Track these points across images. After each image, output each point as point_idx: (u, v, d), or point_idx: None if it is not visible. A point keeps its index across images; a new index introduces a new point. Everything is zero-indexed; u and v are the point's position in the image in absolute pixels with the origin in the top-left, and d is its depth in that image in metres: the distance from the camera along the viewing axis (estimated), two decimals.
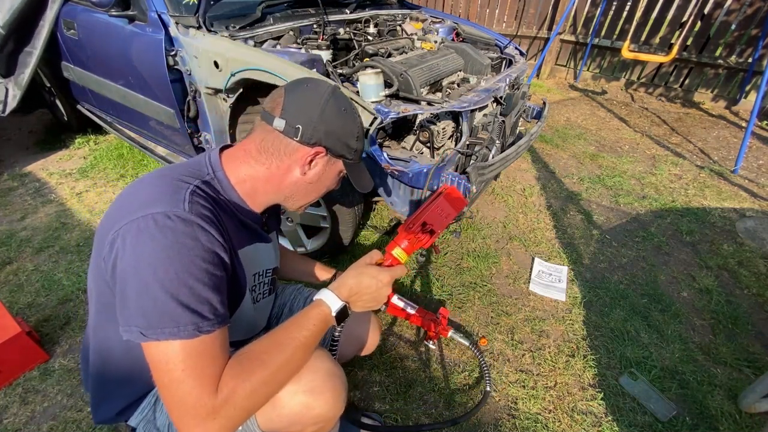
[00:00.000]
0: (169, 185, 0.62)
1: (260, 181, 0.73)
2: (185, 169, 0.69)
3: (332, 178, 0.81)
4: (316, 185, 0.78)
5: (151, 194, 0.60)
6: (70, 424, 1.18)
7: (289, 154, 0.72)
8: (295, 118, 0.70)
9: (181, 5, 1.58)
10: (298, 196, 0.79)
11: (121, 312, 0.57)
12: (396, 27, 1.98)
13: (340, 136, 0.74)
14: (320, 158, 0.74)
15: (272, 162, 0.72)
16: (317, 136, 0.71)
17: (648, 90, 4.15)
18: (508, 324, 1.55)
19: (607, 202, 2.35)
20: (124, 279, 0.56)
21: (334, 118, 0.72)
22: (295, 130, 0.70)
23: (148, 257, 0.55)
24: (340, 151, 0.75)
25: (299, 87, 0.73)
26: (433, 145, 1.45)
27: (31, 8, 1.98)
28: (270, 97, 0.74)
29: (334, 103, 0.73)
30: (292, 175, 0.74)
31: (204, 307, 0.57)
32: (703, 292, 1.73)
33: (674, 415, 1.24)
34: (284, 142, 0.71)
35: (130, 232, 0.56)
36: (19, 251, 1.82)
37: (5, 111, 2.29)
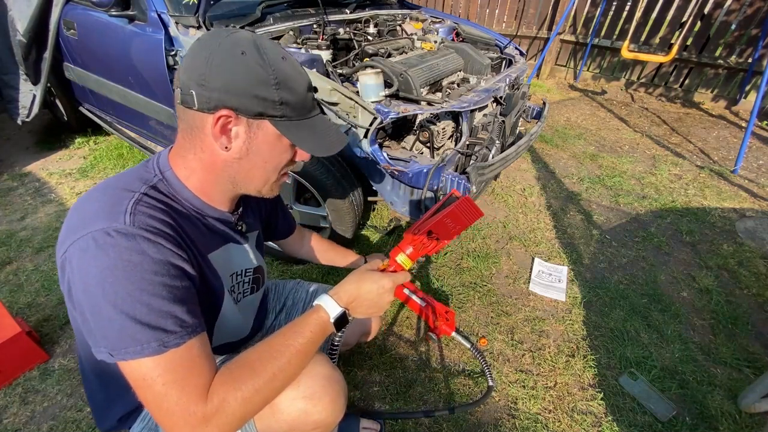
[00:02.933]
0: (111, 197, 0.57)
1: (198, 171, 0.64)
2: (132, 174, 0.63)
3: (270, 146, 0.64)
4: (251, 159, 0.64)
5: (92, 210, 0.56)
6: (70, 424, 1.18)
7: (201, 129, 0.60)
8: (186, 82, 0.58)
9: (181, 5, 1.58)
10: (241, 177, 0.66)
11: (88, 334, 0.55)
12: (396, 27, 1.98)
13: (246, 87, 0.57)
14: (236, 126, 0.60)
15: (195, 144, 0.62)
16: (215, 97, 0.57)
17: (648, 90, 4.15)
18: (508, 324, 1.55)
19: (607, 202, 2.35)
20: (80, 302, 0.54)
21: (228, 66, 0.57)
22: (190, 96, 0.58)
23: (94, 279, 0.52)
24: (255, 108, 0.59)
25: (193, 44, 0.60)
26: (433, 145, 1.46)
27: (43, 11, 1.99)
28: None
29: (227, 47, 0.57)
30: (219, 154, 0.62)
31: (166, 321, 0.54)
32: (703, 292, 1.73)
33: (674, 415, 1.24)
34: (190, 114, 0.60)
35: (74, 254, 0.53)
36: (19, 251, 1.82)
37: (30, 116, 2.37)
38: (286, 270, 1.75)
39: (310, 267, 1.75)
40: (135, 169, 0.65)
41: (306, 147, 0.65)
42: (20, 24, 2.03)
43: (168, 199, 0.62)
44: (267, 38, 0.64)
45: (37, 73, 2.22)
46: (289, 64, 0.62)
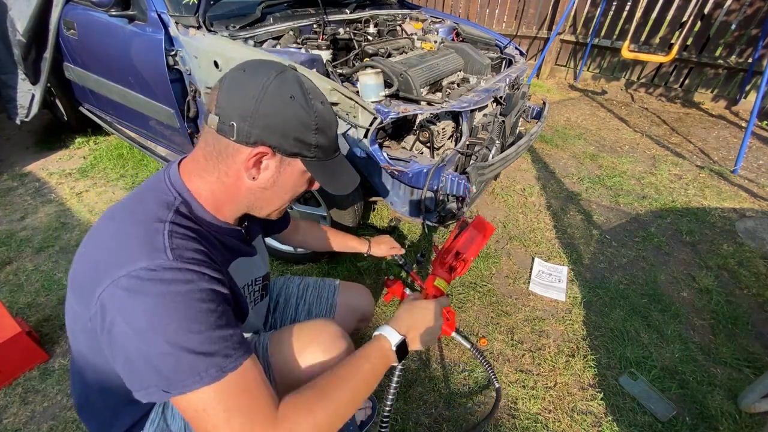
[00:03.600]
0: (143, 231, 0.56)
1: (217, 193, 0.65)
2: (151, 198, 0.62)
3: (294, 181, 0.68)
4: (275, 191, 0.67)
5: (128, 245, 0.55)
6: (70, 424, 1.18)
7: (232, 156, 0.61)
8: (228, 114, 0.59)
9: (181, 5, 1.58)
10: (260, 204, 0.69)
11: (130, 376, 0.54)
12: (396, 27, 1.98)
13: (288, 130, 0.61)
14: (268, 159, 0.62)
15: (219, 168, 0.63)
16: (256, 133, 0.59)
17: (648, 90, 4.15)
18: (508, 324, 1.55)
19: (607, 202, 2.35)
20: (125, 345, 0.52)
21: (276, 107, 0.59)
22: (229, 127, 0.59)
23: (144, 317, 0.51)
24: (291, 148, 0.62)
25: (236, 74, 0.61)
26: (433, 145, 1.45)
27: (43, 11, 1.99)
28: (212, 89, 0.64)
29: (277, 88, 0.59)
30: (244, 181, 0.64)
31: (220, 346, 0.53)
32: (703, 292, 1.73)
33: (674, 415, 1.24)
34: (223, 142, 0.61)
35: (117, 295, 0.52)
36: (19, 251, 1.82)
37: (29, 116, 2.37)
38: (286, 270, 1.75)
39: (309, 267, 1.75)
40: (150, 189, 0.64)
41: (328, 186, 0.70)
42: (20, 24, 2.03)
43: (191, 222, 0.63)
44: (308, 79, 0.66)
45: (36, 73, 2.22)
46: (327, 108, 0.66)
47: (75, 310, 0.61)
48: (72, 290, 0.62)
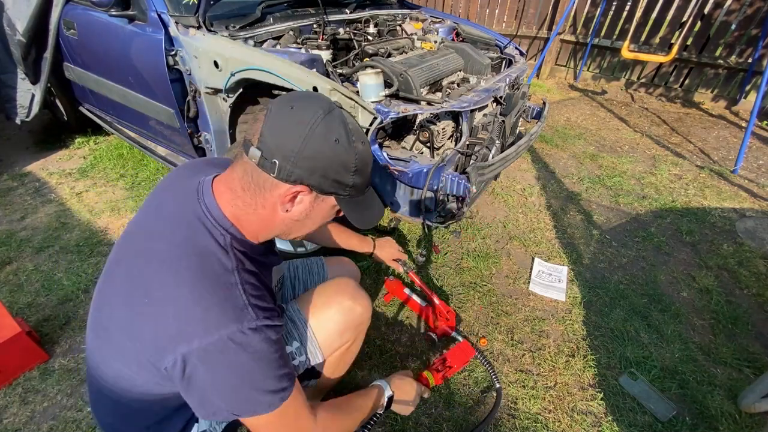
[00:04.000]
0: (222, 291, 0.61)
1: (255, 223, 0.69)
2: (207, 244, 0.64)
3: (325, 213, 0.72)
4: (305, 222, 0.71)
5: (212, 309, 0.59)
6: (70, 424, 1.18)
7: (270, 190, 0.64)
8: (272, 151, 0.60)
9: (181, 5, 1.57)
10: (290, 231, 0.74)
11: (202, 408, 0.64)
12: (396, 27, 1.98)
13: (329, 172, 0.63)
14: (304, 195, 0.65)
15: (257, 201, 0.65)
16: (297, 173, 0.61)
17: (648, 90, 4.15)
18: (508, 324, 1.55)
19: (607, 202, 2.35)
20: (205, 390, 0.61)
21: (320, 150, 0.61)
22: (271, 164, 0.60)
23: (233, 373, 0.60)
24: (329, 188, 0.66)
25: (283, 108, 0.62)
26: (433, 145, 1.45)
27: (43, 11, 1.99)
28: (254, 116, 0.69)
29: (323, 131, 0.61)
30: (278, 213, 0.67)
31: (284, 382, 0.65)
32: (703, 292, 1.73)
33: (674, 415, 1.24)
34: (262, 176, 0.63)
35: (210, 354, 0.58)
36: (19, 251, 1.82)
37: (29, 116, 2.37)
38: None
39: None
40: (196, 228, 0.65)
41: (356, 221, 0.75)
42: (19, 24, 2.02)
43: (244, 256, 0.68)
44: (351, 117, 0.69)
45: (36, 73, 2.22)
46: (366, 148, 0.69)
47: (128, 347, 0.65)
48: (125, 332, 0.64)
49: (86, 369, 0.80)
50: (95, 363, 0.73)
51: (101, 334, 0.71)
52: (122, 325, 0.65)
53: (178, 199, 0.70)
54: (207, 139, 1.77)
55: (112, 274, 0.70)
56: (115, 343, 0.68)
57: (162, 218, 0.68)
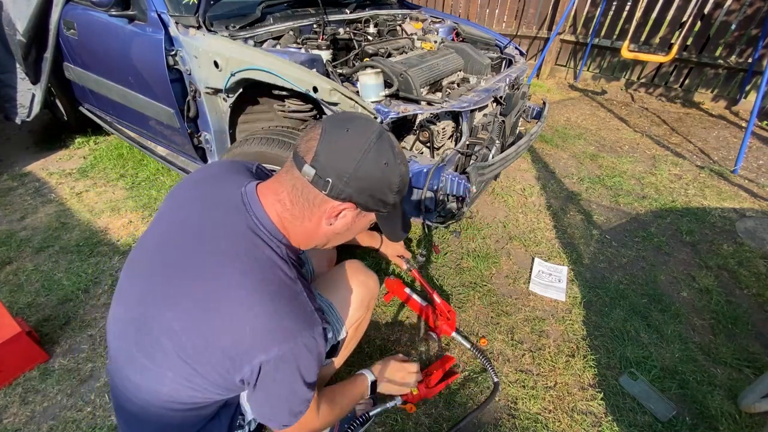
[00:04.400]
0: (291, 298, 0.66)
1: (299, 235, 0.73)
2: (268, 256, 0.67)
3: (363, 226, 0.79)
4: (344, 234, 0.77)
5: (288, 317, 0.64)
6: (70, 424, 1.18)
7: (318, 206, 0.68)
8: (326, 170, 0.64)
9: (181, 5, 1.57)
10: (329, 242, 0.80)
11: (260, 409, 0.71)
12: (396, 27, 1.98)
13: (376, 192, 0.68)
14: (348, 211, 0.70)
15: (304, 214, 0.70)
16: (348, 192, 0.66)
17: (648, 90, 4.15)
18: (508, 324, 1.55)
19: (607, 202, 2.35)
20: (270, 390, 0.67)
21: (371, 173, 0.66)
22: (324, 182, 0.65)
23: (302, 374, 0.67)
24: (373, 206, 0.71)
25: (338, 131, 0.66)
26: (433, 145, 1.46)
27: (43, 11, 1.99)
28: (306, 134, 0.69)
29: (375, 155, 0.66)
30: (322, 226, 0.72)
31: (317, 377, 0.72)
32: (703, 292, 1.73)
33: (674, 415, 1.24)
34: (313, 192, 0.67)
35: (284, 360, 0.64)
36: (19, 251, 1.82)
37: (30, 116, 2.36)
38: None
39: None
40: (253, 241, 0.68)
41: (389, 235, 0.83)
42: (19, 24, 2.02)
43: (297, 263, 0.74)
44: (396, 141, 0.73)
45: (36, 73, 2.22)
46: (407, 170, 0.74)
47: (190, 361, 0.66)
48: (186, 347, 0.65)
49: (115, 391, 0.78)
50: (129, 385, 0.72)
51: (149, 357, 0.68)
52: (189, 346, 0.65)
53: (226, 209, 0.71)
54: (207, 139, 1.77)
55: (159, 290, 0.68)
56: (172, 367, 0.67)
57: (210, 230, 0.69)
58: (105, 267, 1.73)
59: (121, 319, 0.74)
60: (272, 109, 1.72)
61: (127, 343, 0.72)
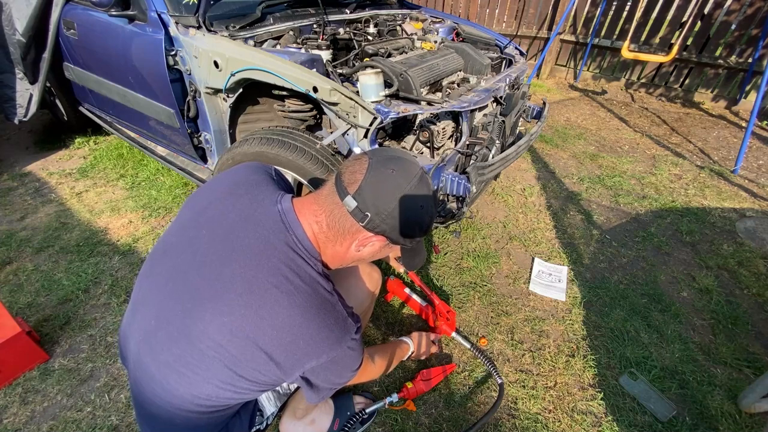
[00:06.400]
0: (332, 309, 0.71)
1: (329, 255, 0.78)
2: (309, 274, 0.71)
3: (385, 255, 0.85)
4: (365, 259, 0.83)
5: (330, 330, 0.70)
6: (70, 424, 1.18)
7: (352, 234, 0.73)
8: (367, 205, 0.70)
9: (181, 5, 1.57)
10: (352, 264, 0.84)
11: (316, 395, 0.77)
12: (396, 27, 1.98)
13: (407, 230, 0.74)
14: (378, 242, 0.75)
15: (337, 239, 0.74)
16: (383, 228, 0.72)
17: (648, 90, 4.14)
18: (508, 324, 1.55)
19: (607, 202, 2.35)
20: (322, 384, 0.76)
21: (407, 214, 0.72)
22: (363, 216, 0.70)
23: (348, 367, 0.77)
24: (401, 241, 0.76)
25: (384, 169, 0.71)
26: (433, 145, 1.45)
27: (43, 11, 1.99)
28: (351, 164, 0.73)
29: (414, 197, 0.71)
30: (350, 251, 0.76)
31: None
32: (703, 292, 1.73)
33: (674, 415, 1.24)
34: (349, 221, 0.72)
35: (332, 362, 0.72)
36: (19, 251, 1.82)
37: (27, 115, 2.36)
38: None
39: None
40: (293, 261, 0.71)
41: (408, 266, 0.89)
42: (19, 23, 2.02)
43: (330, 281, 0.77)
44: (431, 182, 0.78)
45: (35, 73, 2.22)
46: (436, 209, 0.81)
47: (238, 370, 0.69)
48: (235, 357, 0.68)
49: (138, 397, 0.77)
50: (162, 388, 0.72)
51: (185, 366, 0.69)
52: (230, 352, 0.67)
53: (263, 226, 0.72)
54: (207, 139, 1.77)
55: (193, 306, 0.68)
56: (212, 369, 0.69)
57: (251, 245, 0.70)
58: (105, 267, 1.73)
59: (149, 325, 0.73)
60: (272, 109, 1.72)
61: (160, 350, 0.71)
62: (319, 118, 1.65)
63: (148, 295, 0.76)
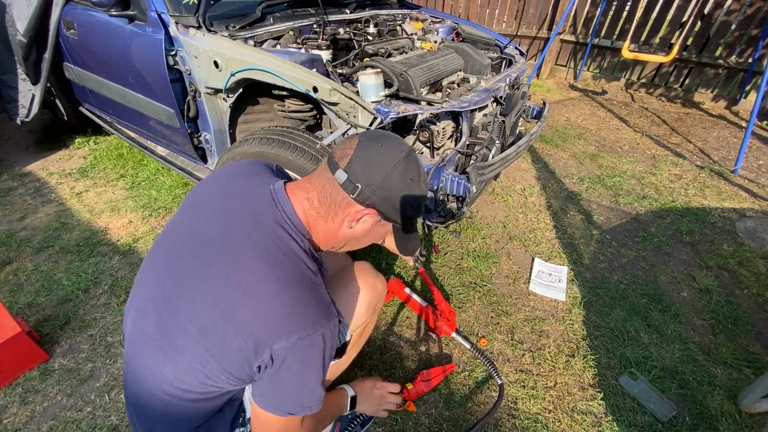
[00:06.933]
0: (313, 289, 0.70)
1: (321, 233, 0.77)
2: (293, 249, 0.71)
3: (378, 235, 0.83)
4: (361, 239, 0.81)
5: (309, 307, 0.67)
6: (70, 424, 1.18)
7: (343, 208, 0.73)
8: (357, 176, 0.70)
9: (181, 5, 1.57)
10: (346, 245, 0.83)
11: (268, 395, 0.71)
12: (396, 27, 1.98)
13: (397, 204, 0.74)
14: (369, 217, 0.75)
15: (329, 214, 0.74)
16: (373, 199, 0.72)
17: (648, 90, 4.14)
18: (508, 324, 1.55)
19: (607, 202, 2.35)
20: (284, 378, 0.68)
21: (397, 185, 0.72)
22: (354, 187, 0.71)
23: (316, 364, 0.69)
24: (392, 217, 0.76)
25: (373, 143, 0.73)
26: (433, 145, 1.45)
27: (43, 11, 1.99)
28: (343, 143, 0.75)
29: (403, 170, 0.73)
30: (343, 228, 0.76)
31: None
32: (703, 292, 1.73)
33: (674, 415, 1.24)
34: (341, 195, 0.72)
35: (302, 347, 0.66)
36: (19, 251, 1.82)
37: (29, 116, 2.37)
38: None
39: None
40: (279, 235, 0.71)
41: (401, 249, 0.88)
42: (20, 24, 2.03)
43: (318, 260, 0.77)
44: (421, 162, 0.79)
45: (37, 73, 2.22)
46: (428, 189, 0.79)
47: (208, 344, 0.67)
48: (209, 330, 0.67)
49: (128, 381, 0.78)
50: (148, 372, 0.73)
51: (168, 342, 0.70)
52: (210, 329, 0.67)
53: (254, 205, 0.75)
54: (207, 139, 1.77)
55: (185, 277, 0.70)
56: (191, 350, 0.68)
57: (243, 223, 0.72)
58: (105, 267, 1.73)
59: (142, 301, 0.76)
60: (272, 109, 1.72)
61: (147, 325, 0.73)
62: (319, 118, 1.65)
63: (146, 274, 0.79)
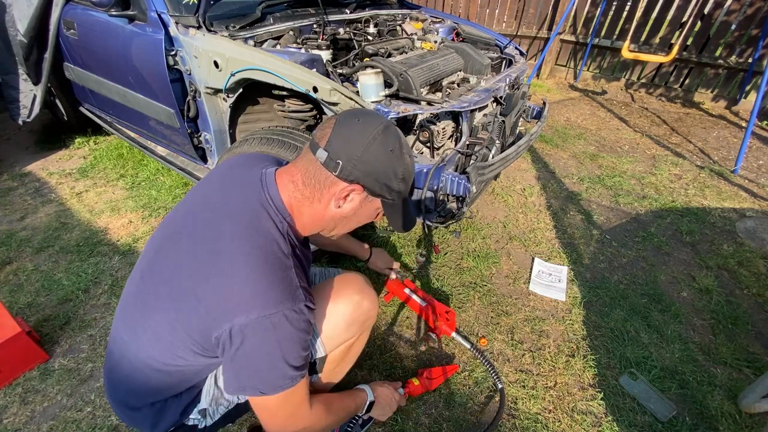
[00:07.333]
0: (280, 269, 0.69)
1: (307, 215, 0.77)
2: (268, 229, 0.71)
3: (368, 214, 0.82)
4: (350, 219, 0.80)
5: (271, 287, 0.66)
6: (70, 424, 1.18)
7: (327, 187, 0.73)
8: (338, 153, 0.70)
9: (181, 5, 1.57)
10: (336, 227, 0.82)
11: (236, 377, 0.69)
12: (396, 27, 1.98)
13: (381, 176, 0.73)
14: (356, 194, 0.75)
15: (314, 195, 0.74)
16: (356, 174, 0.71)
17: (648, 90, 4.14)
18: (508, 324, 1.55)
19: (607, 202, 2.35)
20: (249, 359, 0.67)
21: (377, 157, 0.72)
22: (335, 164, 0.70)
23: (278, 344, 0.67)
24: (378, 191, 0.75)
25: (350, 120, 0.73)
26: (433, 145, 1.46)
27: (43, 11, 1.99)
28: (322, 125, 0.75)
29: (382, 141, 0.72)
30: (330, 209, 0.76)
31: (304, 363, 0.73)
32: (703, 292, 1.73)
33: (674, 415, 1.24)
34: (324, 174, 0.72)
35: (263, 326, 0.65)
36: (19, 251, 1.82)
37: (30, 116, 2.37)
38: None
39: None
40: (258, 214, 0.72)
41: (394, 224, 0.86)
42: (21, 24, 2.03)
43: (294, 246, 0.76)
44: (402, 134, 0.78)
45: (38, 74, 2.23)
46: (412, 161, 0.79)
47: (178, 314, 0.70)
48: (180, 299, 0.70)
49: (109, 344, 0.84)
50: (124, 335, 0.78)
51: (142, 303, 0.75)
52: (178, 293, 0.70)
53: (243, 186, 0.77)
54: (207, 139, 1.77)
55: (168, 249, 0.75)
56: (160, 312, 0.73)
57: (228, 202, 0.75)
58: (105, 267, 1.73)
59: (135, 270, 0.81)
60: (272, 109, 1.72)
61: (131, 286, 0.80)
62: (319, 118, 1.65)
63: (144, 257, 0.82)
